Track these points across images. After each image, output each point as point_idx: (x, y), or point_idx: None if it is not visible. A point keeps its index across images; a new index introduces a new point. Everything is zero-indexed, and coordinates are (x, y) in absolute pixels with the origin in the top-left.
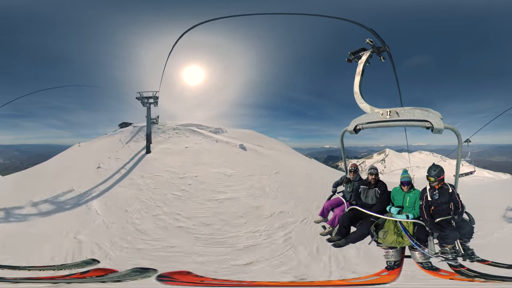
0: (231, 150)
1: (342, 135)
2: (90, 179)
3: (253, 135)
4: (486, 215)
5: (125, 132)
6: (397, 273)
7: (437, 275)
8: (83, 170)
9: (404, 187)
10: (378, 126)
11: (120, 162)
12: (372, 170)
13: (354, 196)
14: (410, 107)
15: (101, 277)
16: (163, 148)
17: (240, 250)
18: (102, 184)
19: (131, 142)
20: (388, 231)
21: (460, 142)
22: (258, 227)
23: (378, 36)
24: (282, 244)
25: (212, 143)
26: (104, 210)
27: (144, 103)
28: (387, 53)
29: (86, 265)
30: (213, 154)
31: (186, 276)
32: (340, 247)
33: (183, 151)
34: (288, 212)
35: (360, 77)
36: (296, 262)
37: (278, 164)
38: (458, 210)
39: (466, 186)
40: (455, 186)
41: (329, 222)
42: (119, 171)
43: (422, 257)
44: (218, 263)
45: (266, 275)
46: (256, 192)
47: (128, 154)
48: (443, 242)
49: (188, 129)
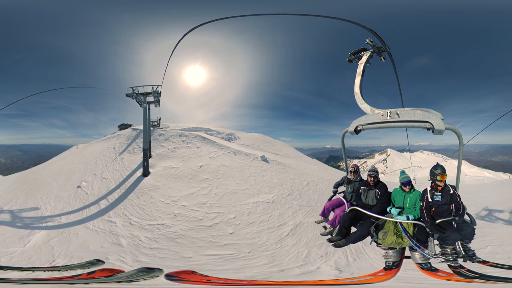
0: (255, 165)
1: (343, 136)
2: (63, 200)
3: (263, 140)
4: (484, 216)
5: (122, 136)
6: (393, 273)
7: (434, 276)
8: (64, 184)
9: (406, 187)
10: (378, 127)
11: (105, 186)
12: (371, 172)
13: (354, 196)
14: (410, 108)
15: (111, 277)
16: (167, 167)
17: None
18: (66, 215)
19: (125, 153)
20: (388, 232)
21: (461, 142)
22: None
23: (378, 36)
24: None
25: (230, 156)
26: (38, 254)
27: (141, 102)
28: (387, 53)
29: (91, 265)
30: (238, 174)
31: (192, 276)
32: (340, 247)
33: (198, 173)
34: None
35: (361, 77)
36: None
37: (303, 175)
38: (459, 211)
39: (465, 186)
40: (456, 187)
41: (329, 222)
42: (98, 201)
43: (421, 258)
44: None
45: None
46: (310, 211)
47: (119, 173)
48: (443, 244)
49: (197, 136)
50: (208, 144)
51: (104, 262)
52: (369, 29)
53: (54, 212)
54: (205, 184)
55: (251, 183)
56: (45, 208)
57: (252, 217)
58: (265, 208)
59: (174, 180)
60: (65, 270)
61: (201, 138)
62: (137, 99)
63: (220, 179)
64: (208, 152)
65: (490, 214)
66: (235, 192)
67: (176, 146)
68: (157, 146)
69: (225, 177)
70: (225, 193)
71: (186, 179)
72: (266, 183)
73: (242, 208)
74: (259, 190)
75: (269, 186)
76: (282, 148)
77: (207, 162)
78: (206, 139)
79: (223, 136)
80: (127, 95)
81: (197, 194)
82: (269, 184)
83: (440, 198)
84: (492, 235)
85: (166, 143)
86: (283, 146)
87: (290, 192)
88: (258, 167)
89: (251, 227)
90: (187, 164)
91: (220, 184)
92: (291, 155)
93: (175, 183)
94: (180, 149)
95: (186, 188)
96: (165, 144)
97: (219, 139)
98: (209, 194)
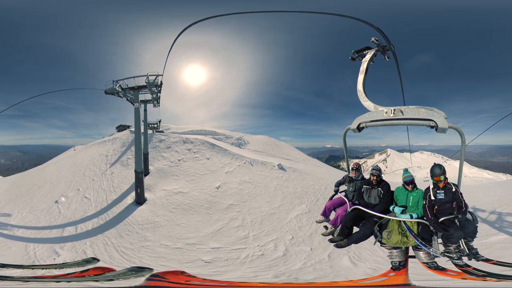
0: (274, 176)
1: (345, 134)
2: (35, 213)
3: (271, 144)
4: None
5: (118, 141)
6: (404, 273)
7: (445, 274)
8: (46, 195)
9: (409, 186)
10: (382, 124)
11: (82, 209)
12: (374, 171)
13: (356, 195)
14: (414, 106)
15: (97, 276)
16: (171, 191)
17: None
18: (25, 229)
19: (117, 166)
20: (392, 231)
21: (463, 142)
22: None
23: (384, 35)
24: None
25: (247, 167)
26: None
27: (131, 100)
28: (391, 52)
29: (86, 263)
30: (264, 190)
31: (178, 276)
32: (342, 247)
33: (217, 198)
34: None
35: (364, 75)
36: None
37: (318, 179)
38: (461, 209)
39: (463, 187)
40: (458, 185)
41: (331, 222)
42: (65, 227)
43: (427, 257)
44: None
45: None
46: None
47: (104, 194)
48: (447, 242)
49: (205, 143)
50: (219, 153)
51: (98, 260)
52: (376, 27)
53: (19, 223)
54: (233, 213)
55: (280, 198)
56: (15, 217)
57: (306, 230)
58: (308, 219)
59: (183, 213)
60: (61, 268)
61: (210, 146)
62: (126, 96)
63: (247, 201)
64: (221, 165)
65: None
66: (272, 213)
67: (181, 157)
68: (156, 157)
69: (252, 198)
70: (263, 218)
71: (202, 209)
72: (293, 194)
73: (290, 226)
74: (291, 203)
75: (297, 197)
76: (290, 151)
77: (224, 180)
78: (216, 146)
79: (232, 141)
80: (108, 92)
81: (228, 229)
82: (296, 195)
83: (443, 196)
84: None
85: (168, 153)
86: (290, 149)
87: (316, 199)
88: (279, 178)
89: (316, 238)
90: (199, 186)
91: (251, 208)
92: (300, 159)
93: (186, 216)
94: (187, 162)
95: (206, 222)
96: (166, 155)
97: (229, 145)
98: (244, 224)
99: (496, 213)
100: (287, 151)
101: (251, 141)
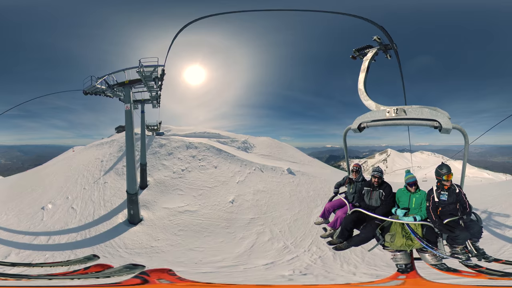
0: (286, 181)
1: (345, 134)
2: (20, 217)
3: (276, 146)
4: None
5: (115, 144)
6: (414, 275)
7: (460, 275)
8: (36, 199)
9: (411, 188)
10: (384, 124)
11: (63, 221)
12: (376, 172)
13: (357, 197)
14: (417, 105)
15: (98, 273)
16: (176, 210)
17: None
18: (4, 232)
19: (111, 174)
20: (395, 234)
21: (467, 142)
22: None
23: (387, 34)
24: None
25: (258, 174)
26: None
27: (123, 98)
28: (394, 51)
29: (87, 261)
30: (280, 198)
31: (163, 274)
32: (341, 250)
33: (234, 213)
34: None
35: (365, 74)
36: None
37: (325, 182)
38: (466, 210)
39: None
40: (461, 186)
41: (330, 225)
42: (39, 236)
43: (434, 259)
44: None
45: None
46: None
47: (92, 207)
48: (453, 243)
49: (210, 148)
50: (227, 160)
51: (99, 257)
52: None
53: (2, 224)
54: (257, 227)
55: (297, 203)
56: (0, 218)
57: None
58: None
59: (194, 235)
60: (67, 265)
61: (216, 151)
62: (116, 94)
63: (267, 212)
64: (231, 174)
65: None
66: (295, 219)
67: (185, 166)
68: (156, 166)
69: (271, 207)
70: (289, 226)
71: (219, 229)
72: (306, 198)
73: (317, 228)
74: (308, 207)
75: (312, 200)
76: (293, 153)
77: (238, 192)
78: (223, 151)
79: (238, 145)
80: (88, 92)
81: (261, 244)
82: (310, 199)
83: (446, 197)
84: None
85: (169, 161)
86: (293, 150)
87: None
88: (291, 183)
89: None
90: (209, 201)
91: (274, 219)
92: (304, 161)
93: (200, 239)
94: (192, 172)
95: (230, 242)
96: (168, 163)
97: (236, 150)
98: (275, 236)
99: (487, 212)
100: (291, 153)
101: (256, 144)
